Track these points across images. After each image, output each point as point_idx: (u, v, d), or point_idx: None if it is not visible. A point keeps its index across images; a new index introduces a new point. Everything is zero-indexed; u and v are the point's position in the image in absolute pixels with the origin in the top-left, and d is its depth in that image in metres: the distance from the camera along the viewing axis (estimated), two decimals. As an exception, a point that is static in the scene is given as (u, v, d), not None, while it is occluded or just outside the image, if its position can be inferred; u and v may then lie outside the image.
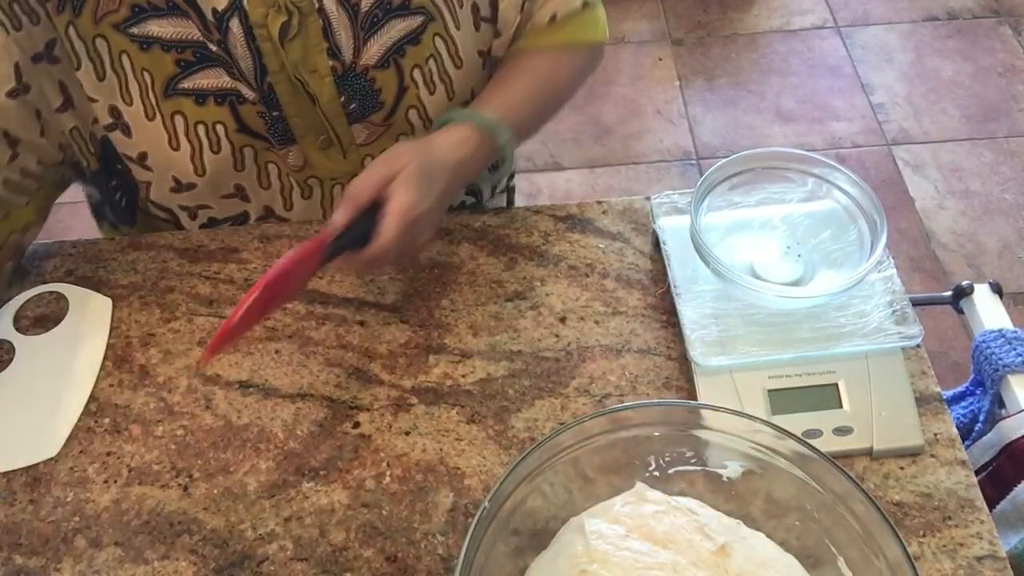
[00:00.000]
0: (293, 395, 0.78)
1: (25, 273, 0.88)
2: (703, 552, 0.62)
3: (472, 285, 0.85)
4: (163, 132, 0.81)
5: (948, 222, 2.02)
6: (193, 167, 0.83)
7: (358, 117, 0.85)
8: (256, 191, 0.89)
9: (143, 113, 0.80)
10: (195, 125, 0.81)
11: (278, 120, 0.82)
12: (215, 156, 0.83)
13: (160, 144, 0.82)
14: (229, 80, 0.79)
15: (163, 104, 0.80)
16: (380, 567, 0.69)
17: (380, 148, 0.86)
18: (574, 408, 0.77)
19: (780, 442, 0.64)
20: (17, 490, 0.74)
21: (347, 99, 0.83)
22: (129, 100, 0.79)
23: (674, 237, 0.82)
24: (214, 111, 0.81)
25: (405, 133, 0.88)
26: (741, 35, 2.47)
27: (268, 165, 0.87)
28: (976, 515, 0.70)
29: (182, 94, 0.79)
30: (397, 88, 0.84)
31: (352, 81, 0.82)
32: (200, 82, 0.79)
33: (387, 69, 0.83)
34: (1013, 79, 2.31)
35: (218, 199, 0.88)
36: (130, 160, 0.84)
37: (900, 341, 0.75)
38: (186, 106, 0.80)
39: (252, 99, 0.80)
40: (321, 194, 0.91)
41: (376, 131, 0.87)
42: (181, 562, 0.69)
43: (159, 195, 0.87)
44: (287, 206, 0.91)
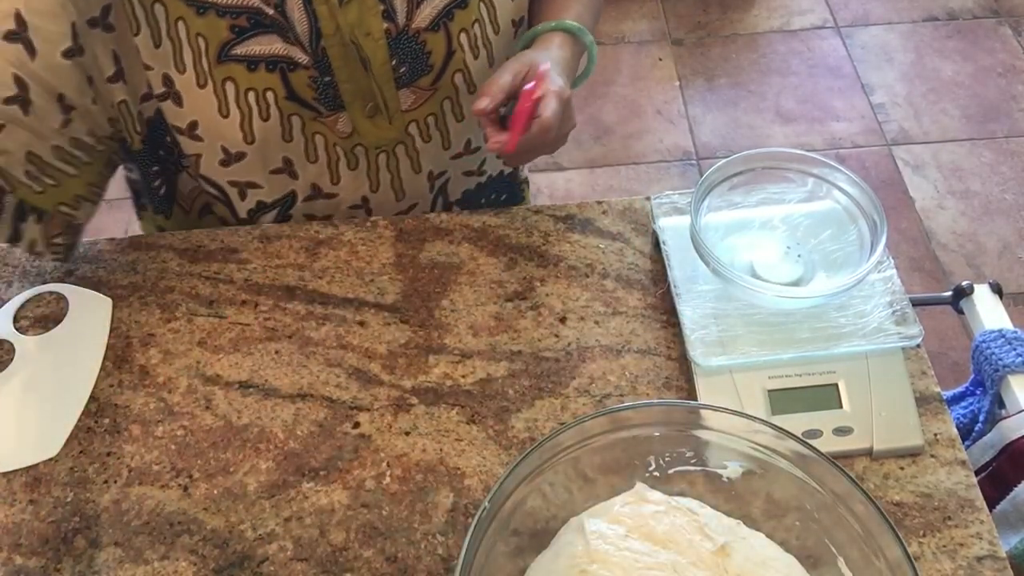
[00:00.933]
0: (293, 395, 0.78)
1: (25, 273, 0.88)
2: (703, 552, 0.62)
3: (472, 285, 0.85)
4: (213, 99, 0.82)
5: (948, 222, 2.02)
6: (242, 134, 0.84)
7: (407, 81, 0.86)
8: (304, 165, 0.89)
9: (195, 80, 0.81)
10: (245, 92, 0.82)
11: (328, 86, 0.84)
12: (264, 123, 0.84)
13: (210, 111, 0.82)
14: (282, 46, 0.80)
15: (215, 70, 0.80)
16: (380, 567, 0.69)
17: (424, 114, 0.89)
18: (574, 408, 0.77)
19: (780, 442, 0.64)
20: (17, 490, 0.74)
21: (398, 62, 0.84)
22: (182, 68, 0.80)
23: (674, 237, 0.82)
24: (265, 78, 0.81)
25: (449, 97, 0.90)
26: (741, 35, 2.47)
27: (315, 136, 0.88)
28: (976, 515, 0.70)
29: (234, 60, 0.80)
30: (445, 51, 0.86)
31: (404, 44, 0.84)
32: (253, 48, 0.80)
33: (437, 32, 0.84)
34: (1013, 79, 2.31)
35: (267, 174, 0.89)
36: (180, 132, 0.85)
37: (900, 341, 0.75)
38: (237, 72, 0.81)
39: (305, 63, 0.81)
40: (367, 164, 0.92)
41: (422, 96, 0.88)
42: (181, 562, 0.69)
43: (209, 168, 0.88)
44: (334, 179, 0.92)
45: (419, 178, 0.95)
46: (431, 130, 0.91)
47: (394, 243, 0.89)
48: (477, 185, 1.02)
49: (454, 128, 0.93)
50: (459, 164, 0.97)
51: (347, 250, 0.88)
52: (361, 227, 0.90)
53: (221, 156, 0.86)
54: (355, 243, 0.89)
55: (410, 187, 0.95)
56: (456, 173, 0.98)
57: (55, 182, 0.81)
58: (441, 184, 0.98)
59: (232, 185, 0.90)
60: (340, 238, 0.89)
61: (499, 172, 1.04)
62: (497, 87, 0.79)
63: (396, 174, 0.93)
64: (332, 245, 0.89)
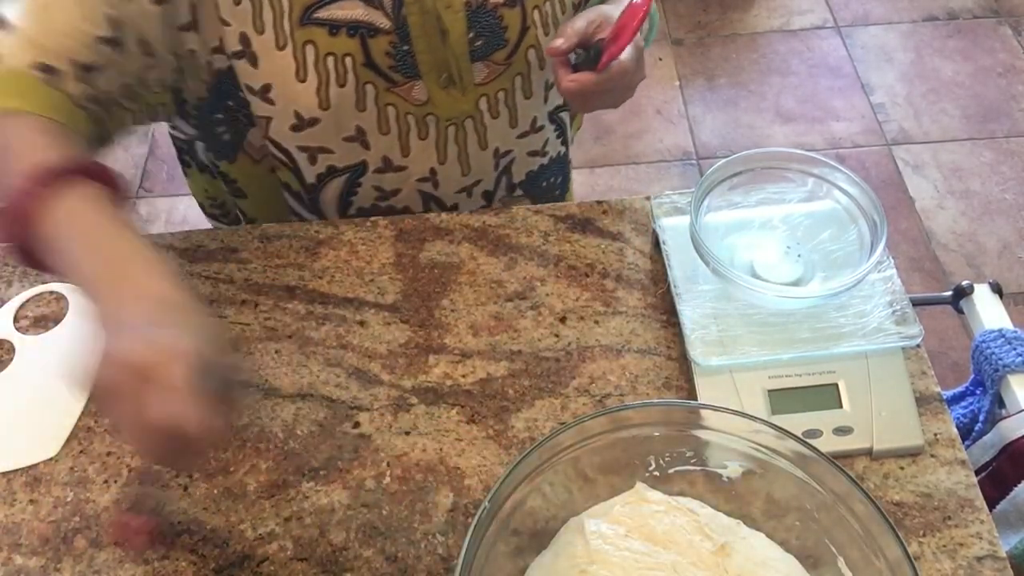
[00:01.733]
0: (293, 395, 0.78)
1: (25, 273, 0.88)
2: (703, 552, 0.62)
3: (472, 285, 0.85)
4: (292, 62, 0.82)
5: (948, 222, 2.02)
6: (318, 100, 0.84)
7: (481, 55, 0.87)
8: (376, 137, 0.90)
9: (274, 42, 0.81)
10: (325, 56, 0.82)
11: (407, 54, 0.84)
12: (340, 90, 0.84)
13: (287, 75, 0.82)
14: (364, 11, 0.81)
15: (297, 32, 0.80)
16: (380, 567, 0.69)
17: (497, 89, 0.91)
18: (574, 408, 0.77)
19: (780, 442, 0.64)
20: (17, 490, 0.74)
21: (475, 35, 0.85)
22: (260, 28, 0.80)
23: (674, 237, 0.82)
24: (345, 43, 0.82)
25: (521, 73, 0.91)
26: (741, 35, 2.47)
27: (388, 107, 0.88)
28: (976, 515, 0.70)
29: (316, 23, 0.80)
30: (520, 27, 0.87)
31: (482, 17, 0.85)
32: (335, 13, 0.80)
33: (514, 8, 0.86)
34: (1013, 79, 2.31)
35: (340, 141, 0.89)
36: (252, 92, 0.85)
37: (900, 341, 0.75)
38: (319, 36, 0.81)
39: (386, 29, 0.82)
40: (437, 134, 0.92)
41: (496, 70, 0.89)
42: (181, 562, 0.69)
43: (278, 133, 0.88)
44: (404, 151, 0.92)
45: (485, 154, 0.96)
46: (500, 106, 0.92)
47: (394, 243, 0.89)
48: (540, 167, 1.03)
49: (522, 105, 0.94)
50: (524, 143, 0.98)
51: (347, 250, 0.88)
52: (361, 227, 0.90)
53: (293, 121, 0.86)
54: (355, 243, 0.89)
55: (476, 163, 0.96)
56: (521, 153, 0.99)
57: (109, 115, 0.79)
58: (506, 163, 0.99)
59: (301, 150, 0.90)
60: (340, 238, 0.89)
61: (557, 153, 1.05)
62: (572, 31, 0.81)
63: (463, 148, 0.94)
64: (332, 245, 0.89)
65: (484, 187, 0.99)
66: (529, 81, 0.92)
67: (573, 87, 0.81)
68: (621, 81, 0.82)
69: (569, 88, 0.81)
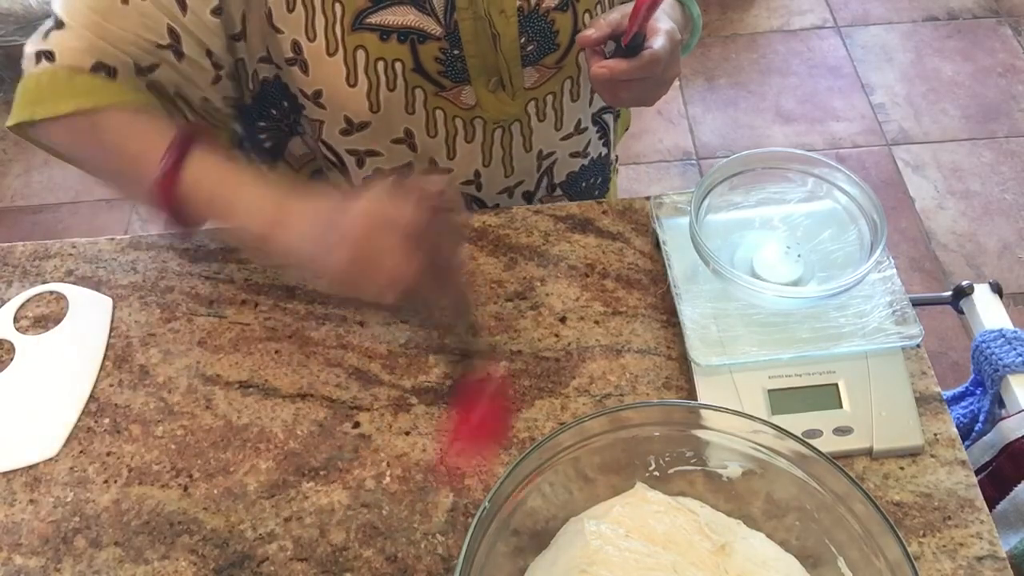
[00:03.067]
0: (293, 395, 0.78)
1: (25, 273, 0.88)
2: (703, 552, 0.62)
3: (472, 285, 0.85)
4: (342, 67, 0.82)
5: (948, 222, 2.02)
6: (368, 103, 0.84)
7: (533, 59, 0.87)
8: (424, 139, 0.90)
9: (325, 48, 0.81)
10: (375, 61, 0.82)
11: (457, 59, 0.84)
12: (390, 94, 0.84)
13: (337, 80, 0.83)
14: (416, 17, 0.81)
15: (348, 38, 0.81)
16: (380, 567, 0.69)
17: (546, 92, 0.90)
18: (574, 408, 0.77)
19: (780, 442, 0.64)
20: (17, 490, 0.74)
21: (526, 40, 0.85)
22: (312, 35, 0.80)
23: (674, 237, 0.82)
24: (395, 48, 0.82)
25: (571, 77, 0.91)
26: (741, 35, 2.47)
27: (436, 111, 0.88)
28: (976, 515, 0.70)
29: (368, 29, 0.81)
30: (572, 30, 0.87)
31: (534, 22, 0.85)
32: (387, 18, 0.80)
33: (565, 11, 0.85)
34: (1013, 79, 2.31)
35: (388, 143, 0.90)
36: (305, 97, 0.85)
37: (900, 341, 0.75)
38: (369, 41, 0.81)
39: (437, 35, 0.82)
40: (483, 137, 0.92)
41: (546, 74, 0.89)
42: (181, 562, 0.69)
43: (330, 136, 0.89)
44: (450, 154, 0.92)
45: (529, 156, 0.96)
46: (547, 109, 0.92)
47: (394, 243, 0.89)
48: (581, 167, 1.03)
49: (569, 108, 0.94)
50: (567, 145, 0.98)
51: (347, 250, 0.88)
52: (361, 227, 0.90)
53: (343, 125, 0.87)
54: (355, 243, 0.89)
55: (519, 164, 0.96)
56: (563, 154, 0.99)
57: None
58: (548, 164, 0.99)
59: (350, 154, 0.91)
60: (340, 238, 0.89)
61: (599, 155, 1.05)
62: (605, 21, 0.80)
63: (508, 150, 0.94)
64: (332, 245, 0.89)
65: (525, 188, 1.00)
66: (578, 84, 0.92)
67: (603, 72, 0.79)
68: (652, 70, 0.79)
69: (598, 74, 0.79)
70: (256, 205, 0.70)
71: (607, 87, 0.81)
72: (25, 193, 2.12)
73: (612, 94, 0.83)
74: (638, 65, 0.78)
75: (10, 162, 2.20)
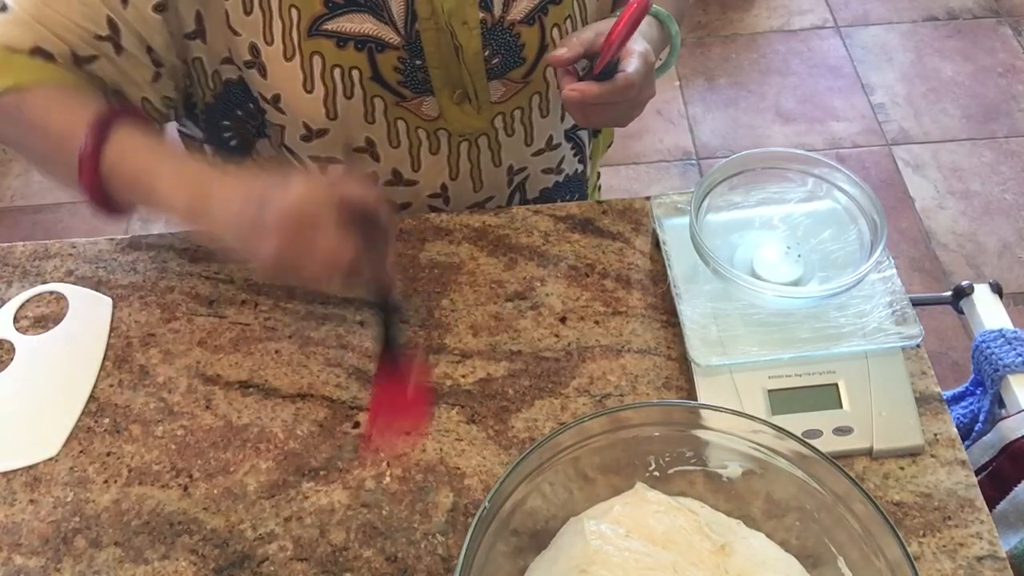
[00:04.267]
0: (293, 395, 0.78)
1: (25, 273, 0.88)
2: (703, 552, 0.63)
3: (472, 285, 0.85)
4: (299, 73, 0.81)
5: (948, 222, 2.02)
6: (325, 110, 0.84)
7: (498, 73, 0.86)
8: (386, 149, 0.89)
9: (282, 52, 0.81)
10: (331, 68, 0.81)
11: (418, 69, 0.83)
12: (347, 101, 0.84)
13: (294, 85, 0.82)
14: (373, 26, 0.80)
15: (304, 44, 0.80)
16: (380, 567, 0.69)
17: (513, 107, 0.89)
18: (574, 408, 0.77)
19: (780, 442, 0.64)
20: (17, 490, 0.74)
21: (491, 53, 0.84)
22: (270, 39, 0.80)
23: (674, 237, 0.82)
24: (352, 56, 0.81)
25: (539, 92, 0.90)
26: (741, 35, 2.47)
27: (398, 122, 0.87)
28: (976, 515, 0.70)
29: (324, 35, 0.80)
30: (539, 45, 0.86)
31: (498, 35, 0.84)
32: (344, 25, 0.80)
33: (532, 26, 0.84)
34: (1013, 79, 2.31)
35: (349, 152, 0.89)
36: (265, 101, 0.85)
37: (900, 341, 0.75)
38: (326, 48, 0.80)
39: (396, 44, 0.81)
40: (448, 149, 0.91)
41: (512, 88, 0.88)
42: (181, 562, 0.69)
43: (292, 141, 0.88)
44: (415, 166, 0.91)
45: (499, 171, 0.95)
46: (516, 124, 0.91)
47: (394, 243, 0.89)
48: (555, 184, 1.02)
49: (538, 123, 0.93)
50: (539, 161, 0.98)
51: (347, 250, 0.88)
52: (361, 227, 0.90)
53: (303, 131, 0.86)
54: (355, 243, 0.89)
55: (489, 179, 0.95)
56: (535, 170, 0.98)
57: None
58: (520, 180, 0.98)
59: (313, 160, 0.90)
60: (340, 238, 0.89)
61: (574, 171, 1.04)
62: (577, 40, 0.78)
63: (476, 164, 0.93)
64: (332, 245, 0.89)
65: (496, 203, 0.99)
66: (547, 100, 0.91)
67: (574, 96, 0.77)
68: (625, 94, 0.78)
69: (570, 97, 0.78)
70: (179, 184, 0.68)
71: (579, 109, 0.80)
72: (25, 193, 2.12)
73: (584, 116, 0.82)
74: (611, 89, 0.77)
75: (10, 162, 2.20)
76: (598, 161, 1.15)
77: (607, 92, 0.77)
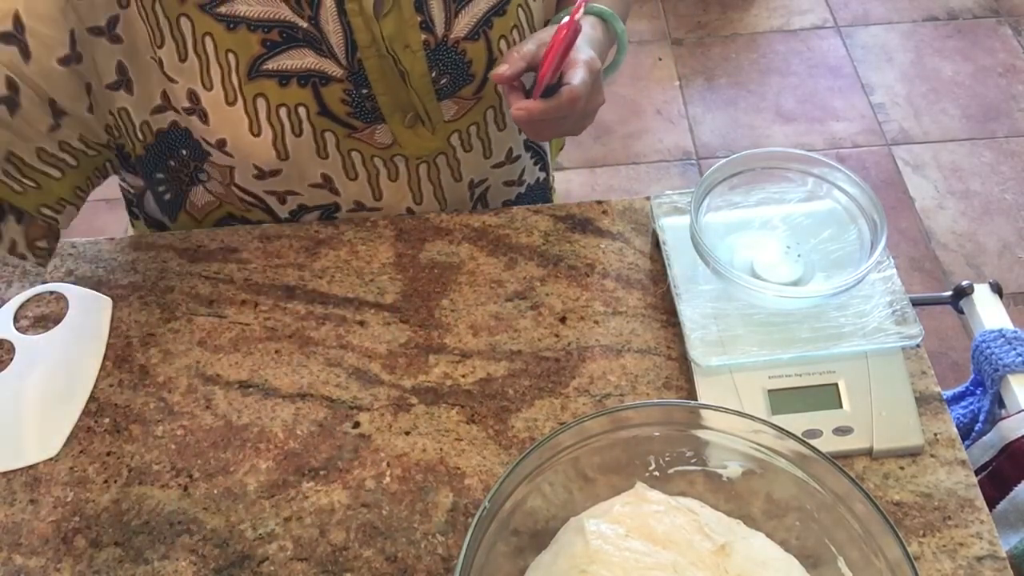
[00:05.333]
0: (293, 395, 0.78)
1: (25, 273, 0.88)
2: (703, 552, 0.62)
3: (472, 285, 0.85)
4: (244, 116, 0.80)
5: (948, 222, 2.02)
6: (276, 152, 0.82)
7: (448, 92, 0.85)
8: (344, 182, 0.88)
9: (223, 98, 0.79)
10: (277, 108, 0.80)
11: (366, 98, 0.82)
12: (297, 139, 0.82)
13: (239, 129, 0.81)
14: (315, 60, 0.79)
15: (246, 87, 0.79)
16: (380, 567, 0.69)
17: (468, 123, 0.88)
18: (574, 408, 0.77)
19: (780, 442, 0.64)
20: (17, 490, 0.74)
21: (438, 74, 0.83)
22: (209, 85, 0.78)
23: (674, 237, 0.82)
24: (297, 93, 0.80)
25: (492, 106, 0.89)
26: (741, 35, 2.47)
27: (352, 153, 0.86)
28: (976, 515, 0.70)
29: (265, 76, 0.78)
30: (486, 60, 0.84)
31: (443, 55, 0.82)
32: (284, 63, 0.78)
33: (477, 41, 0.83)
34: (1013, 79, 2.31)
35: (306, 187, 0.88)
36: (209, 145, 0.83)
37: (900, 341, 0.75)
38: (269, 88, 0.79)
39: (339, 76, 0.80)
40: (408, 174, 0.90)
41: (465, 106, 0.87)
42: (181, 562, 0.69)
43: (244, 180, 0.87)
44: (376, 195, 0.91)
45: (460, 186, 0.94)
46: (472, 139, 0.90)
47: (394, 243, 0.89)
48: (517, 195, 1.01)
49: (496, 137, 0.92)
50: (500, 173, 0.97)
51: (347, 250, 0.88)
52: (361, 227, 0.90)
53: (254, 171, 0.85)
54: (355, 243, 0.89)
55: (452, 196, 0.94)
56: (496, 182, 0.97)
57: (36, 184, 0.78)
58: (481, 192, 0.97)
59: (269, 194, 0.89)
60: (340, 238, 0.89)
61: (536, 180, 1.03)
62: (518, 54, 0.77)
63: (438, 184, 0.92)
64: (332, 245, 0.89)
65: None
66: (501, 113, 0.90)
67: (521, 115, 0.76)
68: (571, 108, 0.76)
69: (517, 116, 0.76)
70: None
71: (529, 126, 0.79)
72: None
73: (535, 132, 0.81)
74: (556, 104, 0.76)
75: (10, 162, 2.20)
76: (554, 161, 1.14)
77: (552, 108, 0.76)
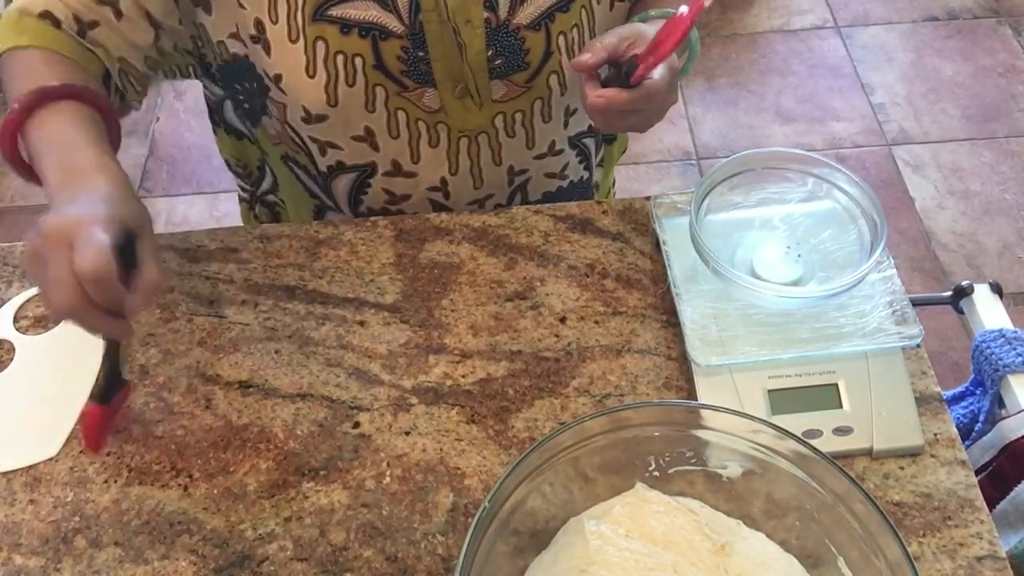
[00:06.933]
0: (293, 395, 0.78)
1: (25, 273, 0.88)
2: (703, 552, 0.63)
3: (472, 285, 0.85)
4: (302, 56, 0.82)
5: (948, 222, 2.02)
6: (326, 96, 0.84)
7: (501, 74, 0.86)
8: (385, 139, 0.89)
9: (286, 33, 0.81)
10: (335, 54, 0.82)
11: (421, 60, 0.84)
12: (348, 89, 0.84)
13: (297, 68, 0.83)
14: (378, 13, 0.80)
15: (309, 28, 0.81)
16: (380, 567, 0.69)
17: (514, 108, 0.89)
18: (574, 408, 0.77)
19: (780, 442, 0.64)
20: (17, 490, 0.74)
21: (494, 53, 0.84)
22: (275, 18, 0.81)
23: (674, 237, 0.82)
24: (356, 43, 0.81)
25: (541, 98, 0.90)
26: (741, 35, 2.47)
27: (398, 112, 0.87)
28: (976, 515, 0.70)
29: (328, 21, 0.80)
30: (543, 52, 0.86)
31: (502, 37, 0.84)
32: (348, 11, 0.80)
33: (537, 32, 0.84)
34: (1013, 79, 2.31)
35: (348, 139, 0.89)
36: (268, 79, 0.85)
37: (900, 341, 0.75)
38: (330, 33, 0.81)
39: (399, 33, 0.81)
40: (448, 144, 0.91)
41: (515, 91, 0.88)
42: (181, 562, 0.69)
43: (294, 121, 0.89)
44: (414, 157, 0.92)
45: (499, 170, 0.95)
46: (516, 126, 0.91)
47: (394, 243, 0.89)
48: (558, 188, 1.02)
49: (540, 128, 0.93)
50: (542, 164, 0.97)
51: (347, 250, 0.88)
52: (361, 227, 0.90)
53: (302, 114, 0.87)
54: (355, 243, 0.89)
55: (489, 177, 0.95)
56: (538, 173, 0.98)
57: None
58: (521, 182, 0.98)
59: (312, 141, 0.90)
60: (340, 238, 0.89)
61: (580, 178, 1.04)
62: (601, 46, 0.77)
63: (476, 161, 0.93)
64: (332, 245, 0.89)
65: (496, 201, 0.99)
66: (549, 106, 0.91)
67: (600, 103, 0.76)
68: (651, 102, 0.77)
69: (595, 104, 0.76)
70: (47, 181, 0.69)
71: (601, 115, 0.79)
72: (25, 193, 2.12)
73: (606, 122, 0.81)
74: (638, 96, 0.76)
75: (10, 162, 2.20)
76: (613, 167, 1.15)
77: (634, 99, 0.76)
